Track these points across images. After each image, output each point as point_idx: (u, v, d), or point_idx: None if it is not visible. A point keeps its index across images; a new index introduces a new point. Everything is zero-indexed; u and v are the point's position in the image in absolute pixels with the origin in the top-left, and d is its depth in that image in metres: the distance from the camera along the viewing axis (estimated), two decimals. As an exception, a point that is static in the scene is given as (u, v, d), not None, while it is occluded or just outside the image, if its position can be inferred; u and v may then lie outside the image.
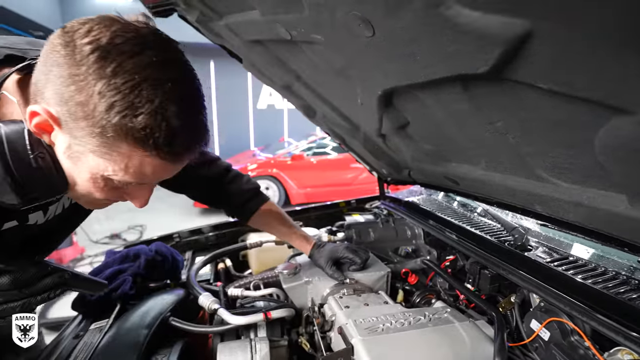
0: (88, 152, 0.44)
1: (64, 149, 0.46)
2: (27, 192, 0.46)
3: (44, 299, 0.51)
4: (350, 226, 1.07)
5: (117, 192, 0.50)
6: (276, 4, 0.60)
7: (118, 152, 0.43)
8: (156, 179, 0.49)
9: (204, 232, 1.31)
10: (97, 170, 0.46)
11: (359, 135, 1.06)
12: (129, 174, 0.45)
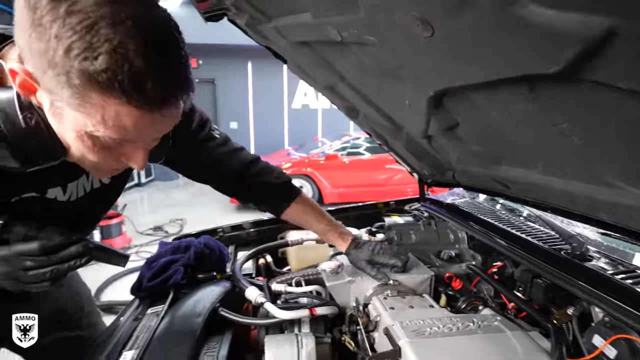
0: (65, 106, 0.42)
1: (48, 108, 0.45)
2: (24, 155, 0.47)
3: (71, 267, 0.54)
4: (391, 227, 1.06)
5: (111, 153, 0.48)
6: (330, 6, 0.61)
7: (90, 102, 0.40)
8: (141, 134, 0.46)
9: (245, 227, 1.35)
10: (79, 127, 0.44)
11: (402, 136, 1.04)
12: (109, 128, 0.42)
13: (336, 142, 5.34)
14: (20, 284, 0.53)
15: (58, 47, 0.36)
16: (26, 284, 0.53)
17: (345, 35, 0.66)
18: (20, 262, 0.51)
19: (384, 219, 1.23)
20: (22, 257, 0.51)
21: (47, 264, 0.52)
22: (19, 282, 0.52)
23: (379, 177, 4.93)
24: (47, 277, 0.52)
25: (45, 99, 0.44)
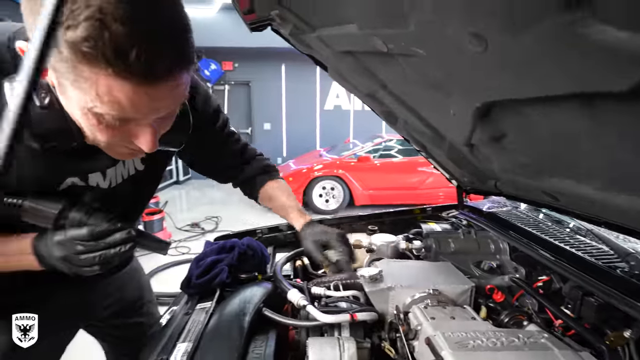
0: (65, 84, 0.42)
1: (57, 86, 0.45)
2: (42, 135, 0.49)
3: (117, 254, 0.56)
4: (429, 235, 1.05)
5: (118, 133, 0.47)
6: (378, 20, 0.62)
7: (83, 77, 0.39)
8: (138, 111, 0.43)
9: (282, 229, 1.39)
10: (81, 104, 0.43)
11: (442, 144, 1.03)
12: (105, 104, 0.41)
13: (368, 143, 5.31)
14: (74, 267, 0.56)
15: None
16: (79, 267, 0.56)
17: (391, 47, 0.67)
18: (73, 247, 0.54)
19: (421, 226, 1.23)
20: (74, 241, 0.54)
21: (96, 249, 0.55)
22: (73, 265, 0.56)
23: (411, 180, 4.85)
24: (96, 261, 0.55)
25: (53, 77, 0.44)
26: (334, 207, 4.78)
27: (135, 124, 0.47)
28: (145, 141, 0.49)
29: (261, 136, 7.31)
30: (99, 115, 0.43)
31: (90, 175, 0.63)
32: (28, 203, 0.54)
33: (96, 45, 0.35)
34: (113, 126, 0.45)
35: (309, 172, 4.70)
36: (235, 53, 6.75)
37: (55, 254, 0.55)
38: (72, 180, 0.61)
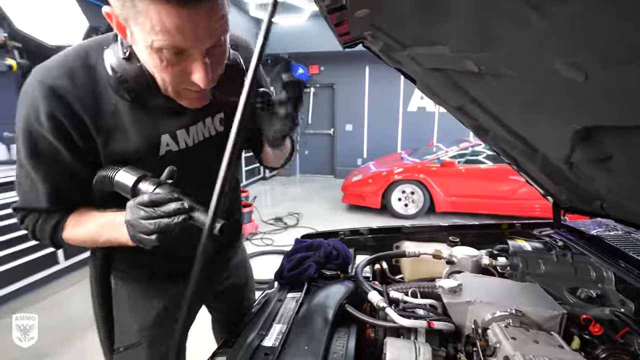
0: (131, 24, 0.50)
1: (130, 39, 0.54)
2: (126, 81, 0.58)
3: (169, 224, 0.57)
4: (517, 253, 1.01)
5: (178, 71, 0.55)
6: (471, 44, 0.65)
7: (139, 12, 0.48)
8: (185, 36, 0.50)
9: (363, 233, 1.46)
10: (145, 43, 0.51)
11: (536, 158, 0.99)
12: (158, 34, 0.49)
13: (453, 147, 5.04)
14: (136, 232, 0.59)
15: None
16: (138, 232, 0.59)
17: (483, 68, 0.69)
18: (137, 211, 0.58)
19: (507, 242, 1.17)
20: (138, 206, 0.58)
21: (153, 216, 0.57)
22: (135, 230, 0.59)
23: (499, 188, 4.45)
24: (151, 228, 0.57)
25: (128, 32, 0.53)
26: (413, 212, 4.67)
27: (189, 59, 0.55)
28: (199, 76, 0.56)
29: (343, 137, 7.48)
30: (159, 51, 0.52)
31: (178, 132, 0.70)
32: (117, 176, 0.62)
33: None
34: (172, 62, 0.54)
35: (389, 175, 4.67)
36: (322, 57, 7.03)
37: (126, 217, 0.60)
38: (166, 142, 0.69)
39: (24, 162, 0.64)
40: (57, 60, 0.62)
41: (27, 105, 0.60)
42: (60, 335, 2.19)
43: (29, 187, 0.66)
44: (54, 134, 0.60)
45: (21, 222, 0.71)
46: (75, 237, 0.69)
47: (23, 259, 2.55)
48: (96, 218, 0.68)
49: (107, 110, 0.63)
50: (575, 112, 0.58)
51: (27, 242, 2.56)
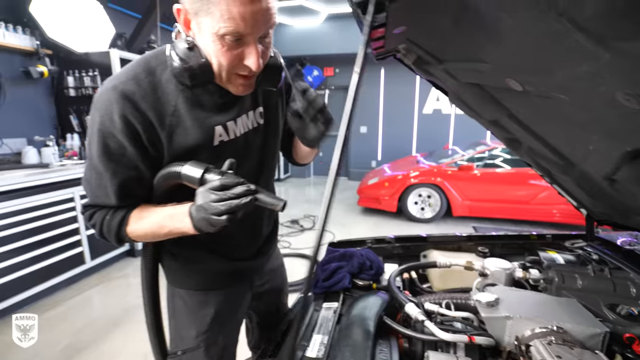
0: (201, 15, 0.62)
1: (196, 29, 0.65)
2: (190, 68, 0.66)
3: (239, 205, 0.64)
4: (551, 267, 1.01)
5: (235, 55, 0.66)
6: (521, 69, 0.65)
7: (211, 2, 0.59)
8: (247, 23, 0.61)
9: (389, 241, 1.47)
10: (211, 30, 0.62)
11: (573, 172, 0.98)
12: (226, 21, 0.60)
13: (469, 151, 4.99)
14: (207, 215, 0.65)
15: None
16: (210, 215, 0.65)
17: (528, 89, 0.69)
18: (208, 195, 0.65)
19: (539, 254, 1.17)
20: (210, 191, 0.65)
21: (224, 198, 0.64)
22: (207, 213, 0.65)
23: (519, 193, 4.39)
24: (223, 209, 0.63)
25: (194, 24, 0.65)
26: (429, 216, 4.64)
27: (245, 44, 0.66)
28: (252, 59, 0.67)
29: (357, 139, 7.48)
30: (222, 37, 0.63)
31: (228, 124, 0.78)
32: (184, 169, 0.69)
33: None
34: (231, 47, 0.64)
35: (405, 178, 4.66)
36: (337, 59, 7.06)
37: (197, 202, 0.66)
38: (219, 132, 0.77)
39: (95, 161, 0.70)
40: (124, 70, 0.71)
41: (100, 109, 0.68)
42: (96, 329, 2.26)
43: (99, 185, 0.72)
44: (125, 132, 0.67)
45: (89, 219, 0.76)
46: (138, 230, 0.74)
47: (52, 259, 2.64)
48: (158, 211, 0.74)
49: (168, 110, 0.71)
50: (629, 135, 0.58)
51: (55, 244, 2.66)
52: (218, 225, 0.65)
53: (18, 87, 2.89)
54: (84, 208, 0.78)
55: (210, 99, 0.75)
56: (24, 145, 2.91)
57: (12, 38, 2.68)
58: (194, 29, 0.67)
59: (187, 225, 0.69)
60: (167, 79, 0.71)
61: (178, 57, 0.67)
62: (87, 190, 0.75)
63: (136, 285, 2.92)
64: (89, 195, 0.76)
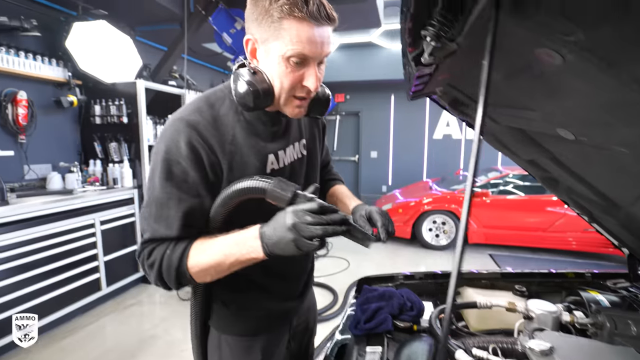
0: (271, 41, 0.69)
1: (263, 55, 0.73)
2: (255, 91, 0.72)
3: (335, 230, 0.64)
4: (600, 311, 0.98)
5: (297, 76, 0.72)
6: (576, 123, 0.66)
7: (283, 28, 0.67)
8: (311, 47, 0.68)
9: (419, 277, 1.45)
10: (279, 53, 0.69)
11: (617, 214, 0.97)
12: (294, 44, 0.67)
13: (482, 177, 4.98)
14: (297, 236, 0.62)
15: (264, 4, 0.67)
16: (302, 237, 0.62)
17: (583, 140, 0.70)
18: (304, 216, 0.63)
19: (580, 294, 1.14)
20: (305, 211, 0.64)
21: (320, 222, 0.63)
22: (299, 233, 0.62)
23: (535, 220, 4.33)
24: (319, 232, 0.62)
25: (261, 51, 0.73)
26: (444, 243, 4.58)
27: (306, 67, 0.72)
28: (312, 79, 0.73)
29: (367, 164, 7.53)
30: (288, 59, 0.70)
31: (279, 152, 0.84)
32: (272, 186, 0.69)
33: (292, 3, 0.66)
34: (294, 69, 0.71)
35: (418, 205, 4.63)
36: (348, 86, 7.22)
37: (288, 222, 0.63)
38: (271, 161, 0.82)
39: (158, 191, 0.71)
40: (187, 105, 0.78)
41: (167, 138, 0.72)
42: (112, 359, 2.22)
43: (160, 216, 0.71)
44: (190, 157, 0.70)
45: (149, 256, 0.73)
46: (200, 264, 0.70)
47: (71, 286, 2.64)
48: (220, 240, 0.71)
49: (227, 138, 0.76)
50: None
51: (75, 270, 2.67)
52: (306, 249, 0.63)
53: (48, 115, 3.01)
54: (141, 246, 0.74)
55: (264, 128, 0.82)
56: (49, 171, 2.98)
57: (47, 70, 2.81)
58: (260, 56, 0.74)
59: (256, 250, 0.67)
60: (225, 112, 0.78)
61: (244, 81, 0.73)
62: (146, 226, 0.73)
63: (150, 313, 2.89)
64: (148, 231, 0.73)
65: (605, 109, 0.54)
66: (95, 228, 2.83)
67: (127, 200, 3.14)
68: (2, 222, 2.18)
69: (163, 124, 3.56)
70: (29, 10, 2.74)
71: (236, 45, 3.17)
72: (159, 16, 3.20)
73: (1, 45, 2.50)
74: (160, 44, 4.08)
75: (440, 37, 0.52)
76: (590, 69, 0.46)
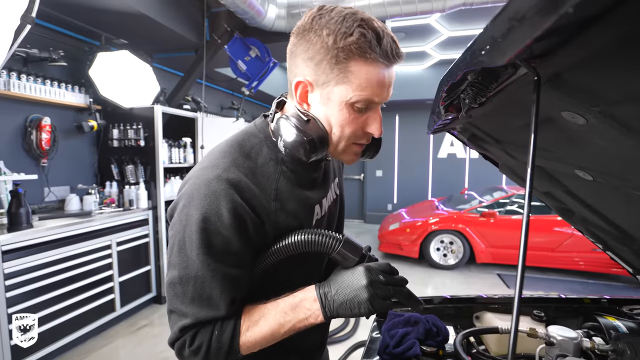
0: (333, 86, 0.60)
1: (319, 100, 0.63)
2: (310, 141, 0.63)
3: (404, 291, 0.63)
4: (620, 337, 1.02)
5: (360, 123, 0.64)
6: (594, 167, 0.73)
7: (350, 71, 0.58)
8: (379, 90, 0.61)
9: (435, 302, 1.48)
10: (342, 99, 0.61)
11: (631, 244, 1.03)
12: (362, 90, 0.59)
13: (487, 197, 5.03)
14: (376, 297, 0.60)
15: (327, 39, 0.58)
16: (377, 295, 0.60)
17: (600, 181, 0.77)
18: (377, 274, 0.62)
19: (598, 320, 1.18)
20: (379, 270, 0.63)
21: (392, 282, 0.62)
22: (375, 291, 0.60)
23: (543, 240, 4.35)
24: (389, 293, 0.61)
25: (316, 95, 0.64)
26: (452, 263, 4.59)
27: (369, 112, 0.64)
28: (376, 125, 0.65)
29: (373, 183, 7.60)
30: (352, 105, 0.62)
31: (323, 201, 0.77)
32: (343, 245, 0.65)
33: (365, 39, 0.57)
34: (357, 116, 0.63)
35: (425, 225, 4.67)
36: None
37: (363, 281, 0.61)
38: (317, 211, 0.75)
39: (196, 267, 0.60)
40: (219, 156, 0.66)
41: (202, 204, 0.59)
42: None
43: (200, 296, 0.61)
44: (234, 226, 0.60)
45: (191, 343, 0.62)
46: (253, 337, 0.63)
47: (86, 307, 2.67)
48: (272, 307, 0.64)
49: (271, 195, 0.66)
50: None
51: (90, 291, 2.70)
52: (379, 308, 0.60)
53: (68, 139, 3.11)
54: (180, 332, 0.62)
55: (307, 176, 0.72)
56: (67, 193, 3.06)
57: (70, 96, 2.93)
58: (314, 100, 0.65)
59: (315, 314, 0.62)
60: (264, 162, 0.67)
61: (295, 128, 0.64)
62: (182, 307, 0.62)
63: (163, 335, 2.90)
64: (187, 315, 0.61)
65: (623, 162, 0.61)
66: (111, 249, 2.88)
67: (142, 222, 3.21)
68: (27, 245, 2.24)
69: (177, 146, 3.66)
70: (57, 41, 2.89)
71: (250, 71, 3.30)
72: (175, 44, 3.36)
73: (30, 75, 2.63)
74: (175, 69, 4.24)
75: (477, 99, 0.60)
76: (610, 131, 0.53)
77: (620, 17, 0.30)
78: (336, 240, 0.65)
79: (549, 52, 0.42)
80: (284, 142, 0.65)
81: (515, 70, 0.54)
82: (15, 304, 2.14)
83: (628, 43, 0.34)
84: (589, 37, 0.35)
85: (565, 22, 0.29)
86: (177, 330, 0.62)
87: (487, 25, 0.40)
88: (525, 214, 0.47)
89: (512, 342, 0.44)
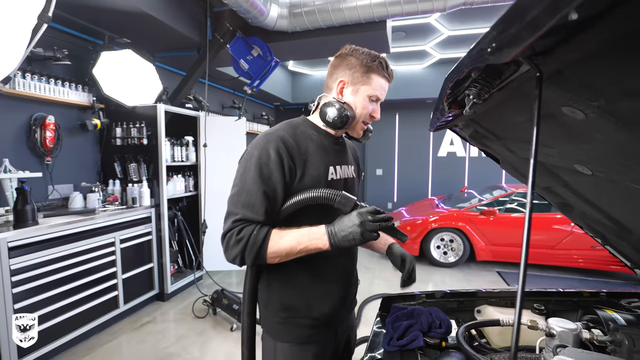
0: (361, 85, 1.02)
1: (350, 92, 1.03)
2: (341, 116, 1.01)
3: (387, 225, 0.89)
4: (618, 329, 1.05)
5: (370, 109, 1.05)
6: (595, 162, 0.75)
7: (371, 78, 1.01)
8: (381, 90, 1.04)
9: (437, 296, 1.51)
10: (365, 93, 1.02)
11: (629, 238, 1.06)
12: (375, 90, 1.02)
13: (486, 195, 5.06)
14: (363, 229, 0.87)
15: (361, 61, 1.02)
16: (367, 230, 0.87)
17: (600, 175, 0.80)
18: (367, 215, 0.88)
19: (597, 313, 1.21)
20: (367, 213, 0.89)
21: (377, 219, 0.88)
22: (365, 228, 0.87)
23: (543, 237, 4.38)
24: (377, 227, 0.88)
25: (348, 90, 1.04)
26: (452, 260, 4.62)
27: (375, 104, 1.06)
28: (378, 112, 1.08)
29: (373, 181, 7.63)
30: (369, 98, 1.03)
31: (337, 166, 1.07)
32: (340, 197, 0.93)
33: (380, 65, 1.02)
34: (370, 104, 1.04)
35: (425, 223, 4.70)
36: (353, 105, 7.38)
37: (356, 220, 0.88)
38: (332, 171, 1.04)
39: (250, 184, 0.94)
40: (274, 127, 1.04)
41: (259, 147, 0.96)
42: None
43: (248, 202, 0.93)
44: (276, 161, 0.94)
45: (239, 233, 0.91)
46: (276, 246, 0.92)
47: (90, 304, 2.69)
48: (294, 230, 0.93)
49: (302, 150, 1.01)
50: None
51: (94, 288, 2.73)
52: (368, 238, 0.87)
53: (72, 137, 3.13)
54: (233, 223, 0.93)
55: (329, 145, 1.08)
56: (71, 191, 3.08)
57: (74, 95, 2.95)
58: (347, 93, 1.04)
59: (322, 241, 0.90)
60: (301, 132, 1.05)
61: (336, 108, 1.02)
62: (236, 209, 0.94)
63: (166, 331, 2.93)
64: (239, 213, 0.93)
65: (621, 155, 0.64)
66: (115, 246, 2.90)
67: (145, 219, 3.23)
68: (33, 242, 2.26)
69: (180, 144, 3.69)
70: (61, 41, 2.91)
71: (252, 70, 3.32)
72: (178, 43, 3.37)
73: (34, 74, 2.65)
74: (177, 68, 4.25)
75: (481, 95, 0.63)
76: (609, 125, 0.56)
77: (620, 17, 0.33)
78: (337, 195, 0.93)
79: (551, 50, 0.44)
80: (325, 115, 1.03)
81: (517, 67, 0.57)
82: (21, 300, 2.17)
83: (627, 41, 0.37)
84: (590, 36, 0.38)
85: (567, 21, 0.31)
86: (230, 222, 0.93)
87: (493, 24, 0.43)
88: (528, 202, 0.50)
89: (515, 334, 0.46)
